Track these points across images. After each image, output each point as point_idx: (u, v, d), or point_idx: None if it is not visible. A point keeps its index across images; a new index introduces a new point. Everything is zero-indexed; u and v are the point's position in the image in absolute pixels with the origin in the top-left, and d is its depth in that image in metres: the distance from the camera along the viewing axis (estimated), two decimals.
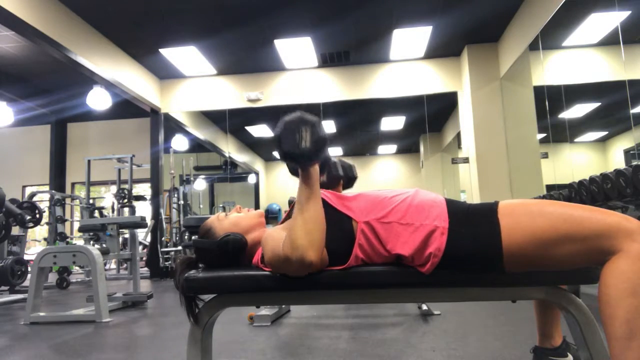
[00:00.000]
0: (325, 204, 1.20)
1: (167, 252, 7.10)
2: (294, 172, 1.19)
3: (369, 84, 7.13)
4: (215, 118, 8.95)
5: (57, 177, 9.53)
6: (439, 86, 7.02)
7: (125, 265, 8.24)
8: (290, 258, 1.06)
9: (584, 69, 6.25)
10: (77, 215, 8.76)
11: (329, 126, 9.36)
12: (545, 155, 6.46)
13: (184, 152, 8.83)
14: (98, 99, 6.49)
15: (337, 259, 1.15)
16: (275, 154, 1.06)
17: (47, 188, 9.00)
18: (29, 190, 9.77)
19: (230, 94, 7.41)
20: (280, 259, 1.09)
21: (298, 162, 1.09)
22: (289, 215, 1.32)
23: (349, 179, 1.83)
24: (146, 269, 7.37)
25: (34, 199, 6.40)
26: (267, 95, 7.31)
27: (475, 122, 6.51)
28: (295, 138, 1.05)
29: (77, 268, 8.05)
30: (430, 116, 8.25)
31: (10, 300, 4.56)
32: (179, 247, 7.12)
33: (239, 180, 11.71)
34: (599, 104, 7.29)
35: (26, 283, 4.12)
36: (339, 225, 1.17)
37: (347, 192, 1.31)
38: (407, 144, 11.30)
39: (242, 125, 9.21)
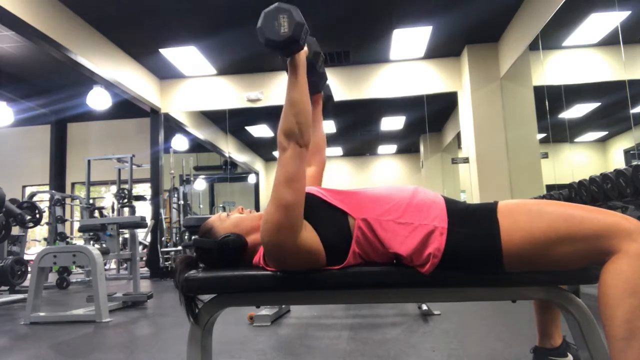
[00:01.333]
0: (320, 200, 1.20)
1: (167, 252, 7.10)
2: (285, 66, 1.24)
3: (369, 84, 7.13)
4: (215, 118, 8.95)
5: (57, 177, 9.53)
6: (439, 86, 7.02)
7: (125, 265, 8.23)
8: (283, 145, 1.12)
9: (584, 69, 6.25)
10: (77, 215, 8.76)
11: (328, 126, 9.37)
12: (545, 155, 6.46)
13: (184, 152, 8.83)
14: (98, 99, 6.49)
15: (335, 256, 1.15)
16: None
17: (47, 188, 9.00)
18: (29, 190, 9.77)
19: (230, 94, 7.41)
20: (278, 164, 1.13)
21: (280, 50, 1.14)
22: None
23: (328, 97, 1.77)
24: (146, 269, 7.37)
25: (34, 199, 6.39)
26: (267, 95, 7.31)
27: (475, 122, 6.51)
28: (274, 25, 1.13)
29: (77, 268, 8.05)
30: (430, 116, 8.24)
31: (10, 300, 4.56)
32: (179, 247, 7.12)
33: (239, 180, 11.71)
34: (599, 104, 7.28)
35: (26, 283, 4.12)
36: (335, 221, 1.17)
37: (344, 188, 1.29)
38: (407, 144, 11.30)
39: (242, 125, 9.21)
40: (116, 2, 5.13)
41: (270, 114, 8.41)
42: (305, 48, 1.24)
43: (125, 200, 7.44)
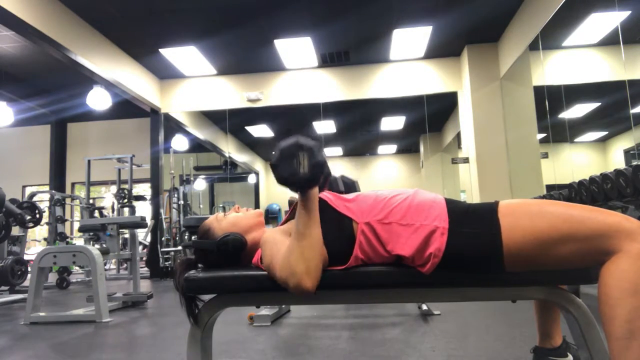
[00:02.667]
0: (326, 204, 1.20)
1: (167, 252, 7.10)
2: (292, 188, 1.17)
3: (369, 84, 7.13)
4: (215, 118, 8.95)
5: (57, 177, 9.53)
6: (439, 86, 7.02)
7: (125, 265, 8.24)
8: (287, 283, 1.06)
9: (584, 69, 6.25)
10: (77, 215, 8.76)
11: (329, 126, 9.37)
12: (545, 155, 6.46)
13: (184, 152, 8.83)
14: (98, 99, 6.49)
15: (338, 259, 1.15)
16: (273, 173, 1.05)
17: (47, 188, 9.00)
18: (29, 190, 9.77)
19: (230, 94, 7.41)
20: (277, 278, 1.09)
21: (296, 188, 1.08)
22: (289, 217, 1.32)
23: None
24: (146, 269, 7.37)
25: (34, 199, 6.39)
26: (267, 95, 7.31)
27: (475, 122, 6.51)
28: (292, 164, 1.03)
29: (77, 268, 8.05)
30: (430, 116, 8.24)
31: (10, 300, 4.56)
32: (179, 247, 7.12)
33: (239, 180, 11.71)
34: (599, 104, 7.29)
35: (26, 283, 4.12)
36: (339, 226, 1.17)
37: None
38: (407, 144, 11.30)
39: (242, 125, 9.21)
40: (116, 2, 5.13)
41: (270, 114, 8.43)
42: None
43: (125, 200, 7.44)
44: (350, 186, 1.79)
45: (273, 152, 1.06)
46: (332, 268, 1.16)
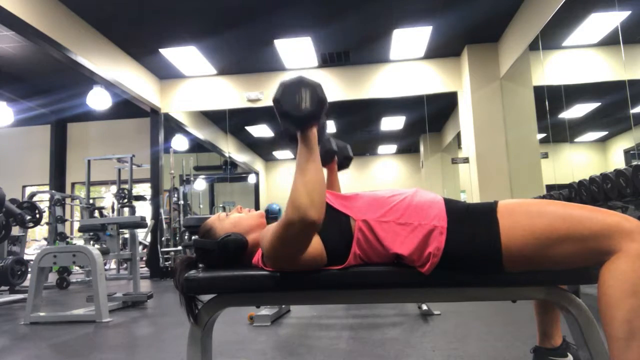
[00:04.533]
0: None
1: (167, 252, 7.10)
2: (291, 137, 1.18)
3: (369, 84, 7.13)
4: (215, 118, 8.95)
5: (57, 177, 9.53)
6: (439, 86, 7.02)
7: (125, 265, 8.23)
8: (292, 219, 1.05)
9: (584, 69, 6.25)
10: (77, 215, 8.76)
11: (329, 126, 9.35)
12: (545, 155, 6.46)
13: (184, 152, 8.83)
14: (98, 99, 6.49)
15: (336, 257, 1.15)
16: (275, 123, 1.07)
17: (47, 188, 9.00)
18: (29, 190, 9.77)
19: (230, 94, 7.41)
20: (281, 228, 1.08)
21: (298, 124, 1.08)
22: None
23: (345, 158, 1.85)
24: (146, 269, 7.37)
25: (34, 199, 6.39)
26: (267, 95, 7.31)
27: (475, 122, 6.51)
28: (295, 99, 1.05)
29: (77, 268, 8.05)
30: (430, 116, 8.24)
31: (10, 300, 4.56)
32: (179, 247, 7.12)
33: (239, 180, 11.71)
34: (599, 104, 7.28)
35: (26, 283, 4.12)
36: (337, 224, 1.17)
37: (345, 192, 1.31)
38: (407, 144, 11.30)
39: (242, 125, 9.21)
40: (116, 2, 5.13)
41: (270, 114, 8.39)
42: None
43: (125, 200, 7.44)
44: (342, 148, 1.82)
45: (277, 88, 1.08)
46: (332, 268, 1.16)
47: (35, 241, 9.06)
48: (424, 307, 2.93)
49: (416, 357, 1.93)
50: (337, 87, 7.17)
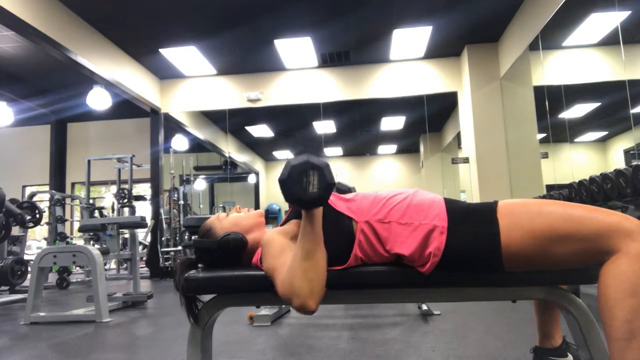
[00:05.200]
0: (326, 204, 1.20)
1: (167, 252, 7.10)
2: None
3: (369, 84, 7.13)
4: (215, 118, 8.95)
5: (57, 177, 9.53)
6: (439, 86, 7.02)
7: (125, 265, 8.23)
8: (290, 301, 1.04)
9: (584, 69, 6.25)
10: (77, 215, 8.76)
11: (329, 126, 9.37)
12: (545, 155, 6.46)
13: (184, 152, 8.83)
14: (98, 99, 6.49)
15: (337, 258, 1.15)
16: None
17: (47, 188, 9.00)
18: (29, 190, 9.77)
19: (230, 94, 7.41)
20: (277, 291, 1.08)
21: (304, 207, 1.06)
22: (289, 217, 1.32)
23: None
24: (146, 269, 7.37)
25: (34, 199, 6.39)
26: (267, 95, 7.31)
27: (475, 122, 6.51)
28: (302, 182, 1.02)
29: (77, 268, 8.05)
30: (430, 116, 8.25)
31: (10, 300, 4.56)
32: (179, 247, 7.11)
33: (239, 180, 11.71)
34: (599, 104, 7.28)
35: (26, 283, 4.12)
36: (338, 225, 1.17)
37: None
38: (407, 144, 11.30)
39: (242, 125, 9.21)
40: (116, 2, 5.13)
41: (270, 114, 8.42)
42: None
43: (125, 200, 7.44)
44: (346, 193, 1.79)
45: (283, 168, 1.03)
46: (332, 268, 1.16)
47: (35, 241, 9.05)
48: (424, 307, 2.93)
49: (416, 357, 1.93)
50: (337, 87, 7.17)
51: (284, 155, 12.02)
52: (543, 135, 6.71)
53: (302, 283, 1.02)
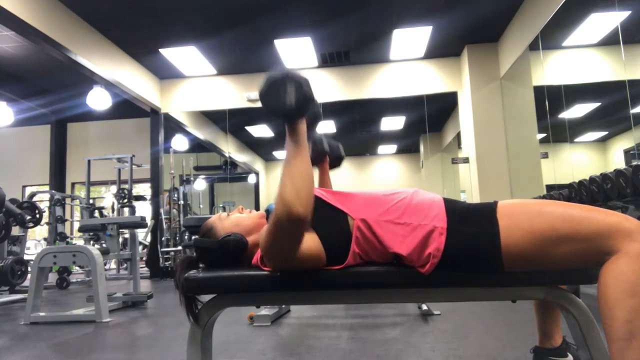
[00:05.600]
0: (320, 200, 1.20)
1: (167, 252, 7.10)
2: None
3: (369, 84, 7.13)
4: (215, 118, 8.95)
5: (57, 177, 9.52)
6: (439, 86, 7.02)
7: (125, 265, 8.23)
8: (279, 214, 1.05)
9: (584, 69, 6.25)
10: (77, 215, 8.76)
11: (329, 126, 9.36)
12: (545, 155, 6.46)
13: (184, 152, 8.83)
14: (98, 99, 6.49)
15: (336, 256, 1.15)
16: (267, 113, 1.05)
17: (47, 188, 9.00)
18: (29, 190, 9.76)
19: (230, 94, 7.41)
20: (271, 224, 1.08)
21: (283, 118, 1.08)
22: None
23: (336, 158, 1.84)
24: (146, 269, 7.36)
25: (34, 199, 6.39)
26: None
27: (475, 122, 6.51)
28: (279, 94, 1.04)
29: (77, 268, 8.05)
30: (430, 116, 8.24)
31: (10, 300, 4.56)
32: (179, 247, 7.11)
33: (239, 180, 11.71)
34: (599, 104, 7.28)
35: (26, 283, 4.12)
36: (335, 222, 1.17)
37: (344, 189, 1.31)
38: (407, 144, 11.30)
39: (242, 125, 9.21)
40: (116, 2, 5.13)
41: (270, 114, 8.40)
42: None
43: (125, 200, 7.43)
44: (334, 148, 1.81)
45: (263, 82, 1.07)
46: (332, 268, 1.16)
47: (35, 241, 9.05)
48: (424, 307, 2.93)
49: (416, 357, 1.93)
50: (337, 87, 7.17)
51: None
52: (543, 135, 6.71)
53: (289, 191, 1.04)
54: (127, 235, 6.24)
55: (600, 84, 6.27)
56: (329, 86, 7.18)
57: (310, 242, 1.13)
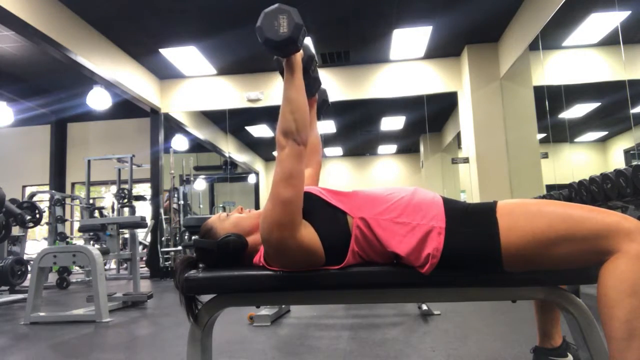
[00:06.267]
0: (320, 199, 1.20)
1: (167, 252, 7.10)
2: (282, 72, 1.28)
3: (369, 84, 7.13)
4: (215, 118, 8.95)
5: (57, 177, 9.52)
6: (439, 86, 7.02)
7: (125, 265, 8.23)
8: (283, 147, 1.13)
9: (584, 69, 6.25)
10: (77, 215, 8.76)
11: (329, 126, 9.37)
12: (545, 155, 6.46)
13: (184, 152, 8.83)
14: (98, 99, 6.49)
15: (335, 255, 1.15)
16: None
17: (47, 188, 9.00)
18: (29, 190, 9.76)
19: (230, 94, 7.41)
20: (276, 165, 1.15)
21: (279, 50, 1.17)
22: None
23: (323, 101, 1.86)
24: (146, 269, 7.36)
25: (34, 199, 6.39)
26: (267, 95, 7.31)
27: (475, 122, 6.51)
28: (273, 25, 1.15)
29: (77, 268, 8.05)
30: (430, 116, 8.24)
31: (10, 300, 4.56)
32: (179, 247, 7.11)
33: (239, 180, 11.71)
34: (599, 104, 7.29)
35: (26, 283, 4.12)
36: (334, 220, 1.17)
37: (344, 188, 1.30)
38: (407, 144, 11.30)
39: (242, 125, 9.21)
40: (116, 2, 5.13)
41: (270, 114, 8.41)
42: (301, 50, 1.26)
43: (125, 200, 7.43)
44: (321, 91, 1.83)
45: (259, 18, 1.18)
46: (331, 267, 1.16)
47: (35, 241, 9.05)
48: (424, 307, 2.93)
49: (416, 357, 1.93)
50: (337, 87, 7.17)
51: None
52: (543, 135, 6.71)
53: (289, 123, 1.14)
54: (127, 235, 6.24)
55: (600, 84, 6.27)
56: (329, 86, 7.18)
57: (309, 232, 1.13)
